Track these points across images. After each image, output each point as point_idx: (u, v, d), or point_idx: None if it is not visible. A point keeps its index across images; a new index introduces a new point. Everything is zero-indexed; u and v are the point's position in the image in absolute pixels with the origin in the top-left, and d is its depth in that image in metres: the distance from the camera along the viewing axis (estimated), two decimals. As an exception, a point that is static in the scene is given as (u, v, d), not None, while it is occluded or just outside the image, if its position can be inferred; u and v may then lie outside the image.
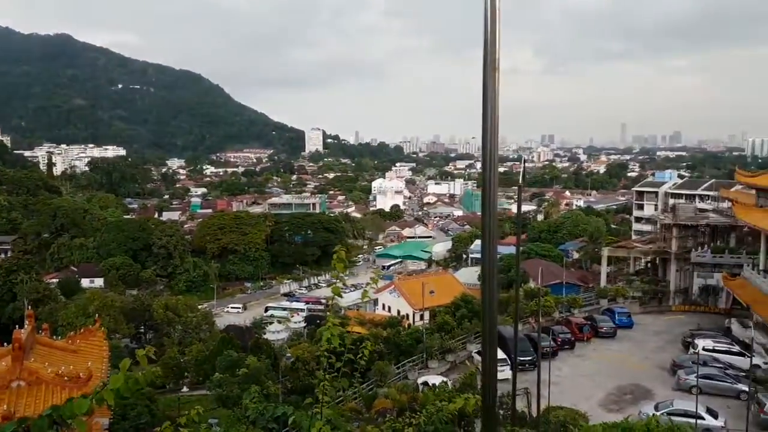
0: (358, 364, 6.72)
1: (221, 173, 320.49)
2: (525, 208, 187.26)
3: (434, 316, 58.02)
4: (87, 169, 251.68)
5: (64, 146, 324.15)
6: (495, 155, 3.51)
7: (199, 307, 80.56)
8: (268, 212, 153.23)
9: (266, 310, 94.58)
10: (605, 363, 41.05)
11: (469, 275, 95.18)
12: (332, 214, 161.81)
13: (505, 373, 37.64)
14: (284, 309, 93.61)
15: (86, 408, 3.30)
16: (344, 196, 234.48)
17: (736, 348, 40.22)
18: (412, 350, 44.18)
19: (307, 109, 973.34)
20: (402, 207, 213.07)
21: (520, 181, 23.88)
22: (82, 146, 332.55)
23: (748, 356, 37.78)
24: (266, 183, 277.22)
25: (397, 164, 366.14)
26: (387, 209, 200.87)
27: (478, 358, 41.03)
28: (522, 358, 38.02)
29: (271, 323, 79.36)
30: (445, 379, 34.07)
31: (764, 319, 41.88)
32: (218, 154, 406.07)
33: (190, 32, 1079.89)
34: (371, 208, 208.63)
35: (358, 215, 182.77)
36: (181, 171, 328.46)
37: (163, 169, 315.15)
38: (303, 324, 79.05)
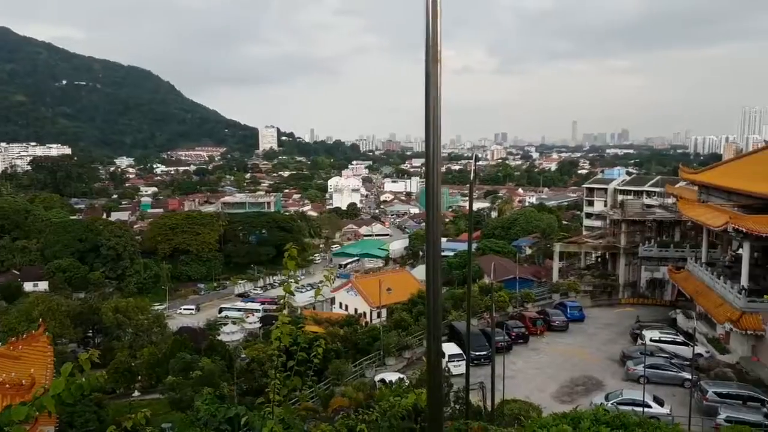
0: (312, 363, 6.70)
1: (172, 172, 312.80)
2: (480, 205, 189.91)
3: (392, 314, 58.21)
4: (29, 168, 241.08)
5: (3, 144, 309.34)
6: (438, 149, 3.45)
7: (151, 309, 78.34)
8: (222, 211, 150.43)
9: (220, 311, 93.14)
10: (558, 356, 42.01)
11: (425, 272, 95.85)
12: (287, 213, 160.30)
13: (461, 368, 38.19)
14: (239, 310, 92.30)
15: (24, 415, 3.14)
16: (300, 195, 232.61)
17: (681, 338, 41.79)
18: (369, 348, 44.15)
19: (261, 107, 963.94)
20: (359, 205, 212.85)
21: (472, 179, 24.04)
22: (24, 144, 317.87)
23: (691, 346, 39.43)
24: (219, 182, 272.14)
25: (354, 162, 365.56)
26: (344, 207, 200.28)
27: (434, 354, 41.33)
28: (477, 353, 38.56)
29: (225, 324, 78.06)
30: (402, 376, 34.17)
31: (706, 309, 43.70)
32: (169, 153, 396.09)
33: (138, 27, 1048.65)
34: (328, 207, 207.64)
35: (314, 214, 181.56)
36: (131, 170, 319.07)
37: (112, 168, 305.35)
38: (258, 324, 78.10)
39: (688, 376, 34.16)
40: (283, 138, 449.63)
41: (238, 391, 37.66)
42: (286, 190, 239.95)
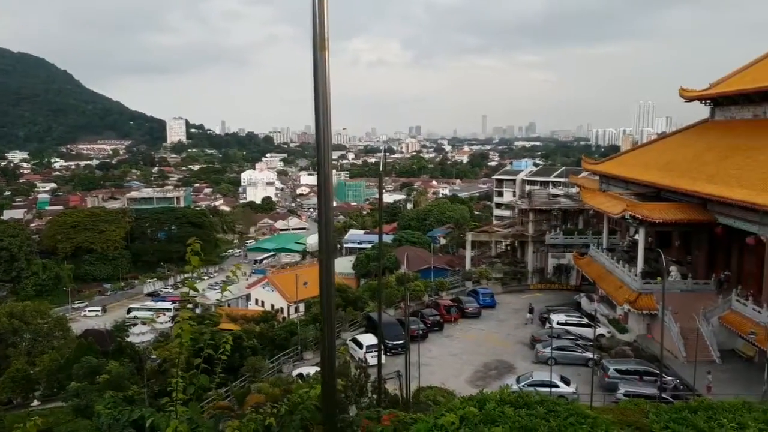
0: (220, 360, 6.49)
1: (73, 167, 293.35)
2: (395, 197, 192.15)
3: (309, 308, 57.68)
4: None
5: None
6: (329, 137, 3.32)
7: (52, 312, 73.11)
8: (127, 208, 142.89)
9: (129, 311, 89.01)
10: (472, 342, 43.28)
11: (343, 265, 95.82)
12: (198, 208, 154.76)
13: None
14: (149, 309, 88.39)
15: None
16: (211, 189, 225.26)
17: (585, 320, 44.25)
18: (286, 343, 43.54)
19: (168, 98, 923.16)
20: (274, 199, 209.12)
21: (381, 171, 24.11)
22: None
23: (594, 327, 41.86)
24: (124, 176, 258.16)
25: (268, 155, 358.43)
26: (258, 201, 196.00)
27: (352, 345, 41.35)
28: (394, 342, 38.98)
29: (134, 325, 74.37)
30: (318, 369, 33.92)
31: (607, 292, 46.57)
32: (68, 146, 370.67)
33: (28, 11, 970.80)
34: (241, 201, 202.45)
35: (227, 208, 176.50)
36: (25, 165, 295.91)
37: (3, 163, 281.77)
38: (170, 324, 75.04)
39: (591, 355, 36.22)
40: (193, 130, 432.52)
41: (149, 393, 35.97)
42: (197, 185, 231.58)
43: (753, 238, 36.04)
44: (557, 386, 31.65)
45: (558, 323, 43.26)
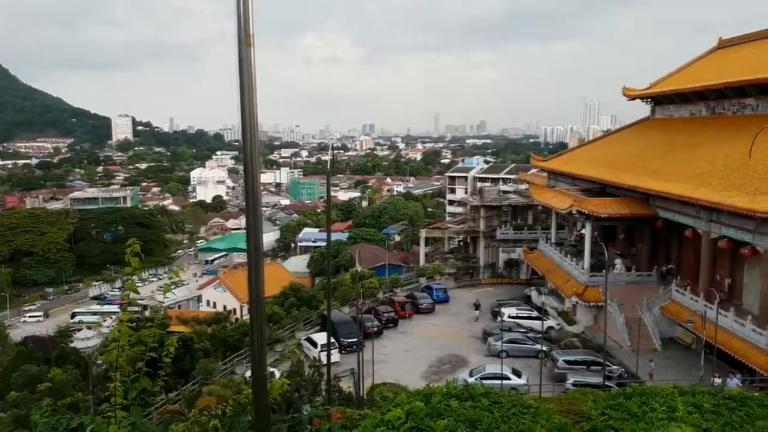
0: (164, 363, 6.38)
1: (10, 166, 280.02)
2: (350, 195, 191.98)
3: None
4: None
5: None
6: (255, 137, 3.27)
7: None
8: (71, 208, 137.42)
9: (73, 316, 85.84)
10: (426, 337, 43.67)
11: (298, 264, 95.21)
12: (146, 208, 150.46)
13: (333, 356, 38.31)
14: (95, 313, 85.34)
15: None
16: (160, 188, 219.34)
17: (535, 313, 45.32)
18: (239, 345, 42.86)
19: (113, 95, 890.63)
20: (225, 197, 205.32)
21: (329, 168, 24.00)
22: None
23: (544, 319, 42.94)
24: (67, 176, 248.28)
25: (218, 153, 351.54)
26: (208, 200, 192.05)
27: (307, 344, 41.11)
28: (348, 340, 38.96)
29: (79, 330, 71.77)
30: (273, 370, 33.57)
31: (555, 285, 47.84)
32: (5, 144, 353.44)
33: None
34: (191, 200, 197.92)
35: (176, 208, 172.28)
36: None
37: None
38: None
39: (542, 347, 37.13)
40: (140, 128, 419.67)
41: (94, 400, 34.75)
42: (144, 184, 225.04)
43: (690, 231, 37.72)
44: (509, 378, 32.32)
45: (509, 316, 44.18)
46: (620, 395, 5.76)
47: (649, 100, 56.30)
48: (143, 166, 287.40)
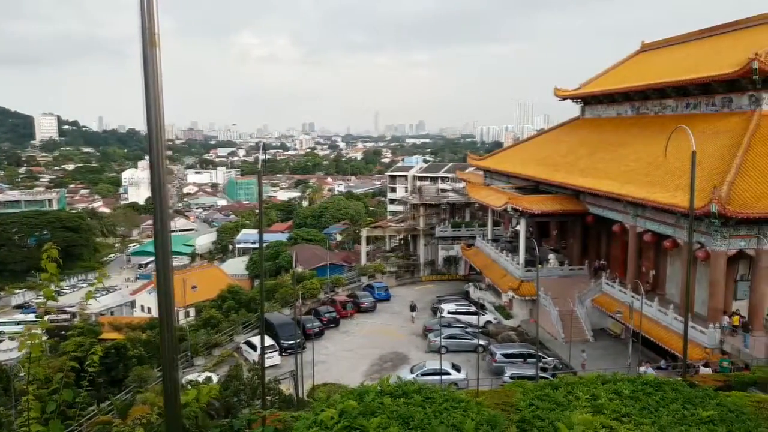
0: (87, 373, 6.11)
1: None
2: (290, 195, 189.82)
3: (200, 312, 55.52)
4: None
5: None
6: (162, 139, 3.17)
7: None
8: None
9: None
10: (368, 336, 43.78)
11: (236, 266, 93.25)
12: (74, 211, 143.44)
13: (274, 359, 37.85)
14: (18, 323, 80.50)
15: None
16: (89, 190, 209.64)
17: (474, 308, 46.25)
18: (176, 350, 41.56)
19: (36, 92, 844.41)
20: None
21: (260, 168, 23.64)
22: None
23: (481, 314, 43.87)
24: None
25: (166, 153, 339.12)
26: (141, 202, 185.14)
27: (245, 348, 40.35)
28: (288, 342, 38.52)
29: (0, 341, 67.52)
30: (210, 375, 32.76)
31: (492, 281, 48.98)
32: None
33: None
34: (123, 202, 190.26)
35: (107, 210, 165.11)
36: None
37: None
38: (45, 337, 68.98)
39: (480, 342, 37.94)
40: (66, 127, 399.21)
41: (17, 415, 32.79)
42: (72, 185, 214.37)
43: (618, 225, 39.50)
44: (449, 373, 32.87)
45: (448, 312, 44.90)
46: (548, 386, 5.95)
47: (578, 100, 58.54)
48: (71, 167, 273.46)
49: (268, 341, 38.92)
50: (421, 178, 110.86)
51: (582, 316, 39.75)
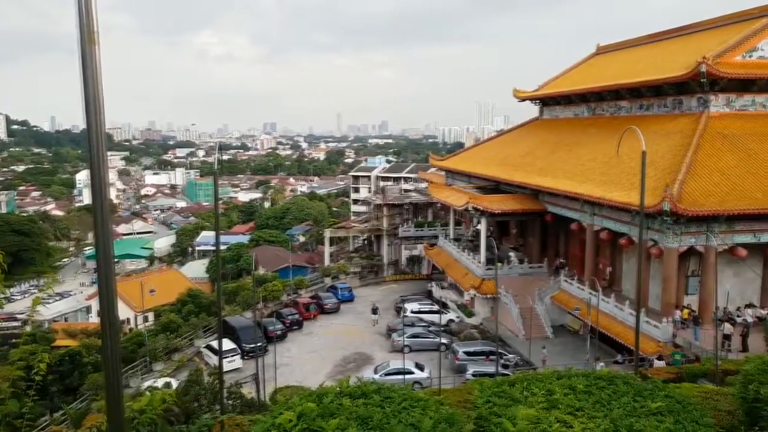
0: (33, 382, 5.95)
1: None
2: (251, 195, 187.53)
3: (159, 316, 54.32)
4: None
5: None
6: (102, 141, 3.11)
7: None
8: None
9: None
10: (331, 337, 43.60)
11: (196, 269, 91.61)
12: (25, 214, 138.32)
13: (235, 362, 37.35)
14: (-36, 332, 77.21)
15: None
16: (40, 192, 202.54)
17: (436, 307, 46.60)
18: (134, 356, 40.54)
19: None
20: (115, 201, 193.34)
21: (215, 169, 23.30)
22: None
23: (444, 313, 44.23)
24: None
25: (107, 153, 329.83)
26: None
27: (206, 352, 39.68)
28: (250, 345, 38.06)
29: (-55, 351, 64.53)
30: (170, 380, 32.06)
31: (454, 279, 49.45)
32: None
33: None
34: (77, 204, 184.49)
35: (60, 213, 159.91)
36: None
37: None
38: (-7, 346, 66.25)
39: (443, 340, 38.23)
40: (15, 127, 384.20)
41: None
42: (22, 188, 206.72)
43: (576, 224, 40.42)
44: (412, 373, 33.01)
45: (411, 311, 45.11)
46: (504, 382, 6.05)
47: (537, 101, 59.67)
48: (20, 168, 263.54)
49: (230, 345, 38.39)
50: (385, 179, 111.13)
51: (542, 313, 40.51)
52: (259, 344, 34.65)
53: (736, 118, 36.75)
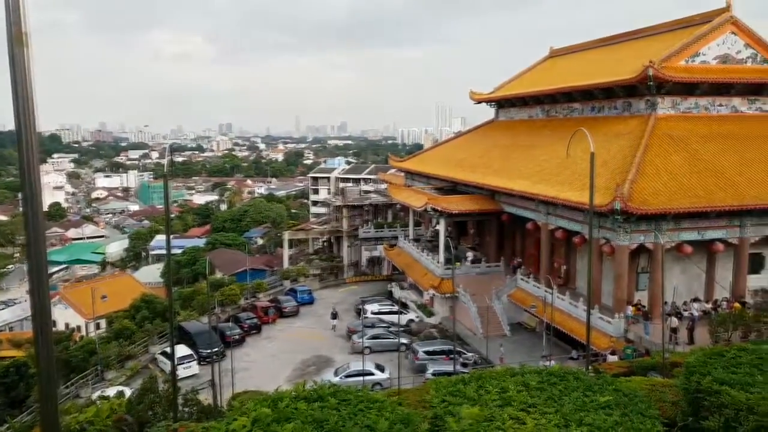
0: None
1: None
2: (207, 198, 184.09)
3: (112, 323, 52.75)
4: None
5: None
6: (34, 143, 2.97)
7: None
8: None
9: None
10: (290, 341, 43.20)
11: (151, 273, 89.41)
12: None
13: (192, 369, 36.60)
14: None
15: None
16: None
17: (396, 308, 46.73)
18: (85, 365, 39.25)
19: None
20: (64, 205, 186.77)
21: (166, 172, 22.76)
22: None
23: (405, 313, 44.42)
24: None
25: (55, 155, 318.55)
26: (45, 208, 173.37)
27: (161, 359, 38.75)
28: (207, 351, 37.36)
29: None
30: (123, 389, 31.18)
31: (414, 280, 49.74)
32: None
33: None
34: (22, 209, 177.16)
35: (3, 217, 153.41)
36: None
37: None
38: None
39: (403, 340, 38.39)
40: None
41: None
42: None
43: (532, 223, 41.22)
44: (372, 374, 33.03)
45: (372, 313, 45.14)
46: (459, 381, 6.12)
47: (493, 103, 60.60)
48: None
49: (186, 351, 37.60)
50: (344, 180, 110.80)
51: (499, 312, 41.14)
52: (216, 349, 34.05)
53: (681, 120, 38.22)
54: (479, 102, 61.14)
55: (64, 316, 62.79)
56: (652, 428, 5.30)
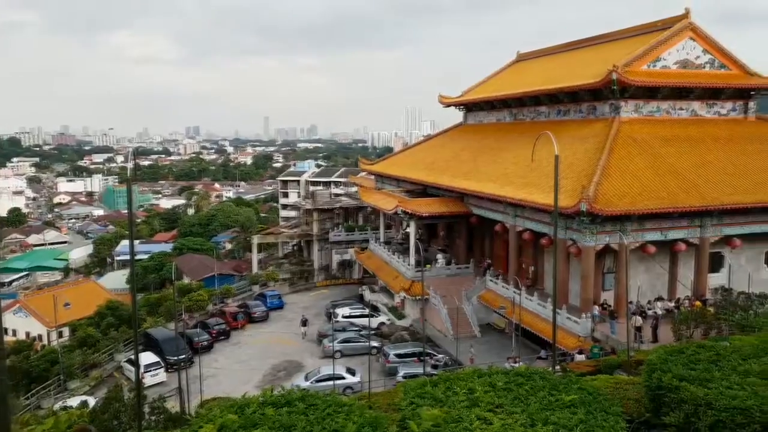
0: None
1: None
2: (175, 202, 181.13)
3: (75, 331, 51.43)
4: None
5: None
6: None
7: None
8: None
9: None
10: (260, 346, 42.75)
11: (116, 280, 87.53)
12: None
13: (159, 376, 35.92)
14: None
15: None
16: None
17: (367, 311, 46.66)
18: (46, 375, 38.15)
19: None
20: (25, 210, 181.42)
21: (129, 176, 22.36)
22: None
23: (376, 316, 44.38)
24: None
25: (15, 159, 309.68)
26: (4, 214, 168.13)
27: (127, 367, 37.93)
28: (174, 358, 36.75)
29: None
30: (86, 398, 30.40)
31: (385, 282, 49.77)
32: None
33: None
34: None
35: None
36: None
37: None
38: None
39: (374, 344, 38.36)
40: None
41: None
42: None
43: (500, 225, 41.67)
44: (343, 378, 32.92)
45: (343, 316, 44.98)
46: (427, 383, 6.14)
47: (461, 107, 61.14)
48: None
49: (153, 358, 36.89)
50: (314, 183, 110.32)
51: (469, 313, 41.44)
52: (183, 356, 33.47)
53: (644, 123, 39.16)
54: (448, 105, 61.62)
55: (25, 325, 60.96)
56: (615, 425, 5.41)
